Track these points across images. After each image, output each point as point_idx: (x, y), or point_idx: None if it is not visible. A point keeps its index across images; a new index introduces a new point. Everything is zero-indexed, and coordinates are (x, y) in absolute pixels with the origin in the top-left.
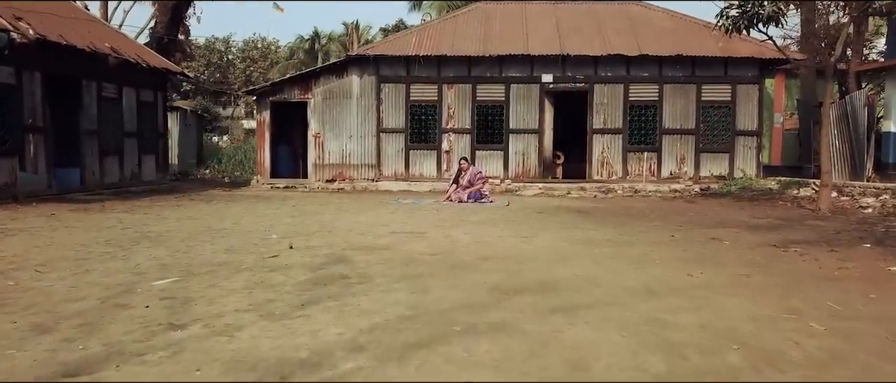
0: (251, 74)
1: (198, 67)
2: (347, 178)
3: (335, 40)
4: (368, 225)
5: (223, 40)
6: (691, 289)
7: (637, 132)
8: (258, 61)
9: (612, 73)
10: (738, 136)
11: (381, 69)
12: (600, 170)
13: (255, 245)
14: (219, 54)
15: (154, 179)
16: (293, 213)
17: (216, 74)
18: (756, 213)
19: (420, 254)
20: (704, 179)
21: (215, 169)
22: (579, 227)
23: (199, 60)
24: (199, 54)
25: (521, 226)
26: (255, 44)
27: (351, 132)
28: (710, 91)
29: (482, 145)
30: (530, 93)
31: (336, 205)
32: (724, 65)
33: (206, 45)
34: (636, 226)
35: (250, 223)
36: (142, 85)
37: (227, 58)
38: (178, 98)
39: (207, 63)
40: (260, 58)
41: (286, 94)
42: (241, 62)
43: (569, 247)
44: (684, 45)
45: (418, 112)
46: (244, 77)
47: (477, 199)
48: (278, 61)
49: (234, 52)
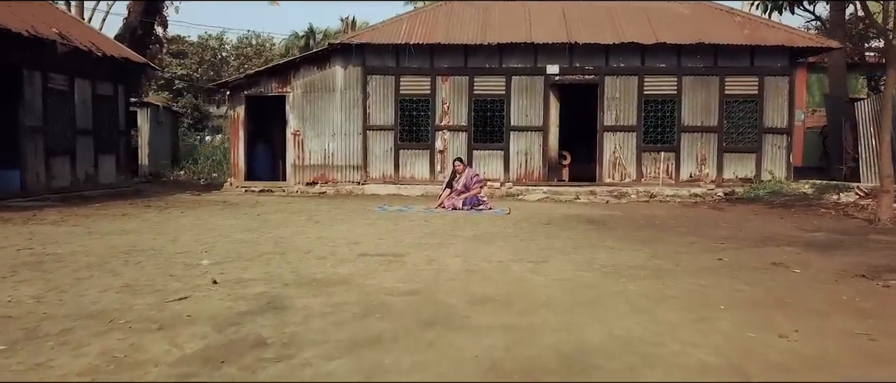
0: (245, 72)
1: (191, 65)
2: (330, 181)
3: (331, 37)
4: (335, 243)
5: (216, 37)
6: (804, 369)
7: (653, 130)
8: (252, 58)
9: (625, 64)
10: (765, 134)
11: (367, 59)
12: (612, 172)
13: (171, 277)
14: (212, 51)
15: (114, 182)
16: (252, 226)
17: (210, 72)
18: (802, 225)
19: (389, 295)
20: (728, 182)
21: (191, 170)
22: (599, 246)
23: (192, 58)
24: (192, 51)
25: (527, 244)
26: (250, 41)
27: (334, 129)
28: (735, 83)
29: (480, 144)
30: (534, 85)
31: (309, 214)
32: (750, 54)
33: (199, 42)
34: (667, 243)
35: (190, 240)
36: (99, 77)
37: (221, 55)
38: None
39: (200, 60)
40: (254, 55)
41: (263, 88)
42: (234, 59)
43: (592, 279)
44: (705, 32)
45: (409, 107)
46: (238, 75)
47: (473, 206)
48: (273, 58)
49: (227, 49)
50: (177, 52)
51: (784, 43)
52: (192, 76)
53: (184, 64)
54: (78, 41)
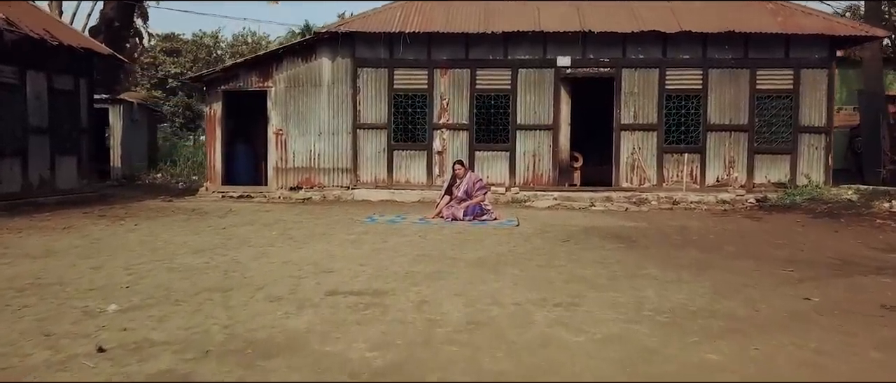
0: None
1: (185, 63)
2: (316, 185)
3: None
4: (302, 271)
5: (211, 35)
6: None
7: (675, 128)
8: (247, 56)
9: (645, 55)
10: (801, 134)
11: (357, 50)
12: (629, 176)
13: (46, 337)
14: (207, 49)
15: (75, 186)
16: (209, 244)
17: (204, 70)
18: (868, 241)
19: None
20: (759, 187)
21: (168, 172)
22: (639, 274)
23: (187, 56)
24: (186, 49)
25: (546, 273)
26: (245, 39)
27: (321, 128)
28: (767, 77)
29: (483, 144)
30: (543, 79)
31: (284, 227)
32: (784, 44)
33: (194, 40)
34: (722, 269)
35: (118, 267)
36: (57, 70)
37: (216, 53)
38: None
39: (195, 58)
40: (249, 53)
41: (241, 82)
42: (230, 58)
43: (650, 337)
44: (734, 19)
45: (404, 103)
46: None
47: (476, 216)
48: None
49: (223, 47)
50: (171, 50)
51: (823, 31)
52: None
53: (178, 62)
54: (28, 28)
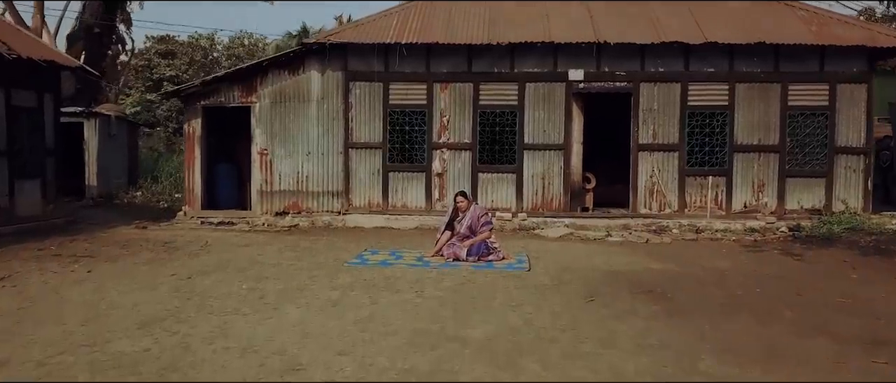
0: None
1: (180, 66)
2: (304, 211)
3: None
4: (261, 372)
5: (207, 37)
6: None
7: (698, 149)
8: (244, 59)
9: (665, 68)
10: (838, 155)
11: (350, 62)
12: (648, 201)
13: None
14: (202, 52)
15: (39, 213)
16: (162, 310)
17: (201, 73)
18: None
19: None
20: (791, 213)
21: (149, 189)
22: (694, 369)
23: (182, 58)
24: (181, 52)
25: (575, 370)
26: (242, 41)
27: (309, 148)
28: (801, 92)
29: (487, 166)
30: (553, 94)
31: (258, 275)
32: (819, 56)
33: (189, 42)
34: (794, 360)
35: (34, 357)
36: (16, 85)
37: (212, 55)
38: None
39: (190, 61)
40: (246, 55)
41: (223, 97)
42: (226, 60)
43: None
44: (764, 28)
45: (401, 120)
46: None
47: (481, 256)
48: None
49: (219, 49)
50: (165, 53)
51: (863, 43)
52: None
53: (173, 65)
54: None
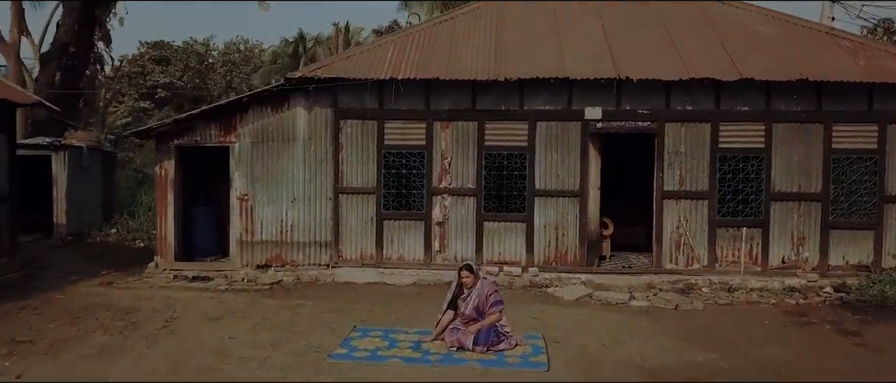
0: (232, 80)
1: (174, 72)
2: (289, 264)
3: (322, 44)
4: None
5: (202, 43)
6: None
7: (731, 197)
8: (240, 65)
9: (693, 107)
10: (888, 204)
11: (340, 98)
12: (674, 255)
13: None
14: (198, 57)
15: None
16: None
17: (195, 79)
18: None
19: None
20: (835, 270)
21: (125, 225)
22: None
23: (177, 64)
24: (176, 57)
25: None
26: (237, 46)
27: (294, 193)
28: (846, 133)
29: (494, 214)
30: (567, 135)
31: (226, 373)
32: (867, 93)
33: (184, 47)
34: None
35: None
36: None
37: (208, 61)
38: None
39: (185, 67)
40: (242, 61)
41: (198, 136)
42: (221, 66)
43: None
44: (804, 61)
45: (397, 163)
46: (224, 83)
47: (491, 346)
48: (262, 65)
49: (214, 55)
50: (160, 59)
51: None
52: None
53: (167, 71)
54: None
